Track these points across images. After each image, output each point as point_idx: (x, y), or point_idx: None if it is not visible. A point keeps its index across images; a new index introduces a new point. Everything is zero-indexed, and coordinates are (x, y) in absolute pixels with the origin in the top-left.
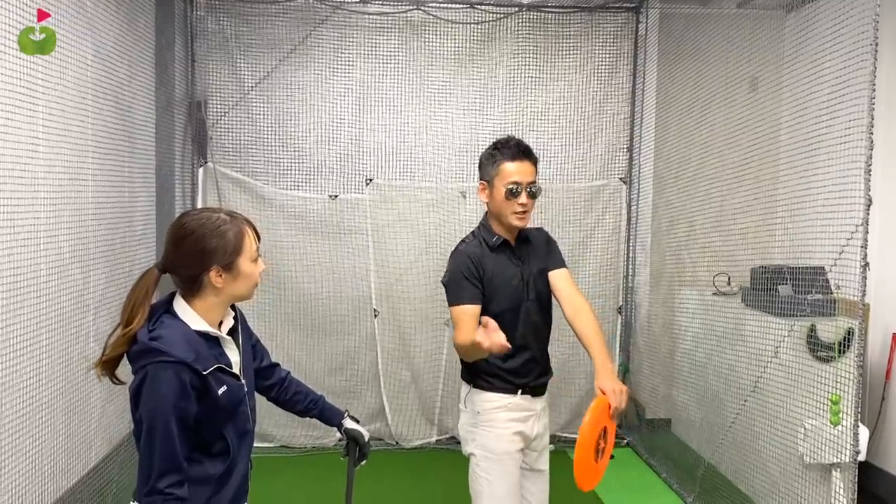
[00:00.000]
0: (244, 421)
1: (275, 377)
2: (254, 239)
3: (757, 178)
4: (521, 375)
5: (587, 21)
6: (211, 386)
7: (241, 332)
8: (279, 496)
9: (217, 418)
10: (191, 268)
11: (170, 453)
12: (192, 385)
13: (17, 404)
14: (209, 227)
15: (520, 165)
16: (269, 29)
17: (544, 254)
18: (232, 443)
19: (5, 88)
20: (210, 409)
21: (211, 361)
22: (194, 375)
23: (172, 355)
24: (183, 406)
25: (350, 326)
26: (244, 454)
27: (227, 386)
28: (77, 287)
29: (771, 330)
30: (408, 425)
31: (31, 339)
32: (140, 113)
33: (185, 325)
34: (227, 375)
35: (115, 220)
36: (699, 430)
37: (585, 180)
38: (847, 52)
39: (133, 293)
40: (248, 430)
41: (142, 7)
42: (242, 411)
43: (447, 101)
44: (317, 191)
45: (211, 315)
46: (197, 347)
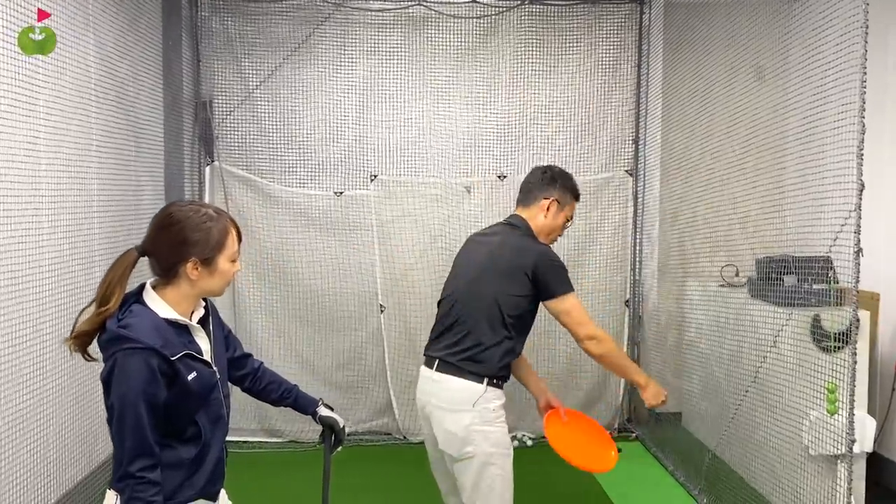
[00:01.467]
0: (218, 407)
1: (248, 367)
2: (235, 240)
3: (760, 168)
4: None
5: (590, 13)
6: (180, 371)
7: (213, 322)
8: (289, 491)
9: (188, 404)
10: (169, 256)
11: (140, 438)
12: (160, 371)
13: (19, 398)
14: (195, 220)
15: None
16: (273, 28)
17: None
18: (204, 428)
19: (3, 88)
20: (180, 395)
21: (179, 348)
22: (162, 361)
23: (140, 342)
24: (152, 392)
25: (357, 322)
26: (218, 439)
27: (197, 372)
28: (79, 284)
29: (775, 320)
30: (415, 419)
31: (32, 336)
32: (146, 112)
33: (153, 313)
34: (196, 362)
35: (119, 217)
36: (707, 423)
37: (591, 173)
38: (839, 35)
39: (110, 272)
40: (222, 416)
41: (145, 8)
42: (215, 398)
43: (450, 97)
44: (322, 188)
45: (181, 305)
46: (165, 334)
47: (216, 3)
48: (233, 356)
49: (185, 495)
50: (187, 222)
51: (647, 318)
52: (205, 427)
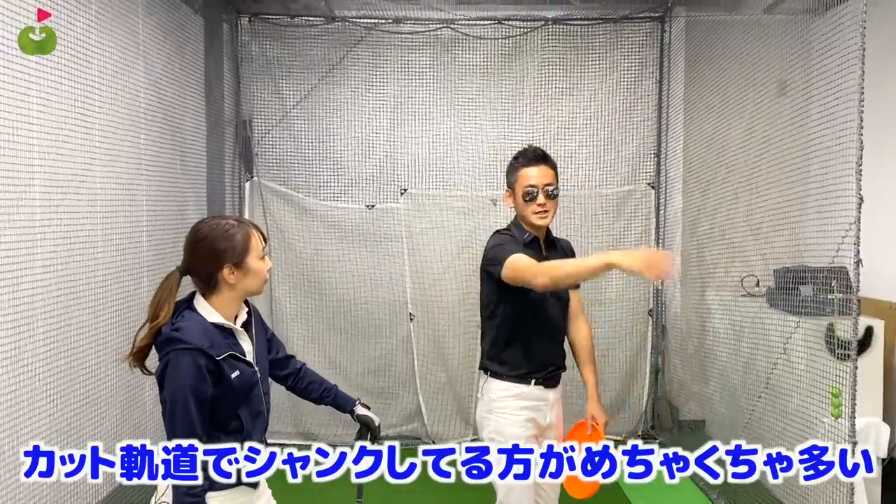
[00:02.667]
0: (258, 403)
1: (290, 368)
2: (259, 239)
3: (771, 182)
4: (536, 366)
5: (612, 32)
6: (224, 370)
7: (255, 325)
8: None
9: (231, 400)
10: (206, 267)
11: (190, 430)
12: (207, 369)
13: (75, 399)
14: (219, 231)
15: (536, 170)
16: (309, 51)
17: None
18: (246, 421)
19: (64, 113)
20: (225, 391)
21: (224, 349)
22: (209, 360)
23: (190, 343)
24: (200, 388)
25: (387, 329)
26: (258, 432)
27: (240, 371)
28: (129, 293)
29: (791, 330)
30: (444, 425)
31: (89, 338)
32: (190, 132)
33: (202, 318)
34: (239, 362)
35: (166, 232)
36: (730, 430)
37: (613, 186)
38: (840, 56)
39: (158, 293)
40: (261, 412)
41: (190, 35)
42: (256, 395)
43: (477, 113)
44: (354, 201)
45: (226, 309)
46: (212, 337)
47: (255, 28)
48: (276, 357)
49: (226, 480)
50: (213, 235)
51: (669, 326)
52: (246, 421)
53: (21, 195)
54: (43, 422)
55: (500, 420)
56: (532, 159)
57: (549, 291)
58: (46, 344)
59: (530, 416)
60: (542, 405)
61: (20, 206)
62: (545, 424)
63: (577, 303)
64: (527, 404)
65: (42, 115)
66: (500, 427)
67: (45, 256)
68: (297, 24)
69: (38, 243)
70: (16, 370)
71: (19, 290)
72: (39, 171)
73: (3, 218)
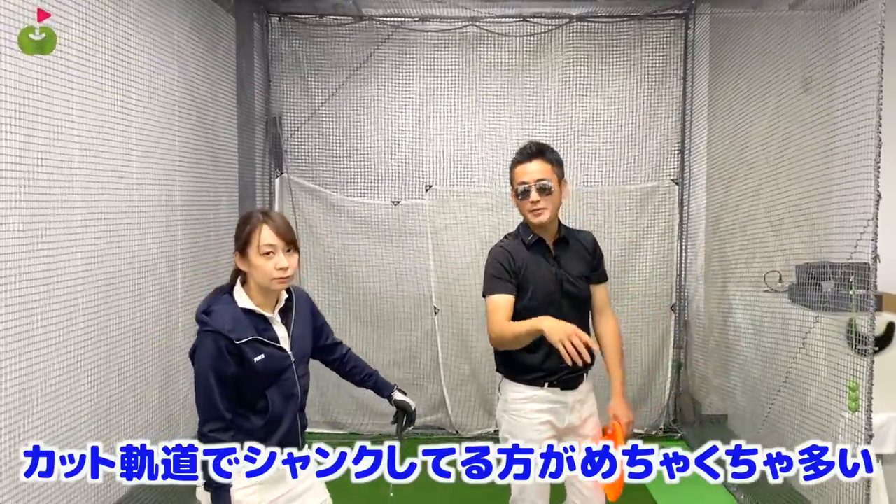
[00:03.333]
0: (290, 386)
1: (337, 353)
2: (264, 235)
3: (792, 178)
4: (549, 369)
5: (637, 29)
6: (245, 353)
7: (296, 313)
8: None
9: (256, 380)
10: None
11: (210, 403)
12: (228, 351)
13: (113, 386)
14: (241, 219)
15: (528, 166)
16: (337, 49)
17: (588, 260)
18: (273, 402)
19: (103, 113)
20: (247, 372)
21: (249, 333)
22: (230, 343)
23: (212, 326)
24: (219, 366)
25: (412, 323)
26: (290, 412)
27: (265, 355)
28: (165, 284)
29: (810, 324)
30: (467, 416)
31: (126, 329)
32: (222, 129)
33: (234, 304)
34: (267, 346)
35: (200, 225)
36: (750, 423)
37: (637, 182)
38: (860, 54)
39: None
40: (294, 395)
41: (222, 35)
42: (287, 378)
43: (501, 110)
44: (380, 197)
45: (257, 297)
46: (239, 321)
47: (285, 27)
48: (325, 343)
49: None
50: (239, 222)
51: (692, 321)
52: (274, 402)
53: (64, 191)
54: (85, 408)
55: (514, 422)
56: (527, 155)
57: (563, 296)
58: (87, 333)
59: (545, 418)
60: (560, 407)
61: (63, 202)
62: (564, 426)
63: (602, 298)
64: (541, 407)
65: (83, 115)
66: (513, 429)
67: (86, 250)
68: (326, 22)
69: (80, 237)
70: (60, 358)
71: (63, 281)
72: (80, 168)
73: (48, 213)
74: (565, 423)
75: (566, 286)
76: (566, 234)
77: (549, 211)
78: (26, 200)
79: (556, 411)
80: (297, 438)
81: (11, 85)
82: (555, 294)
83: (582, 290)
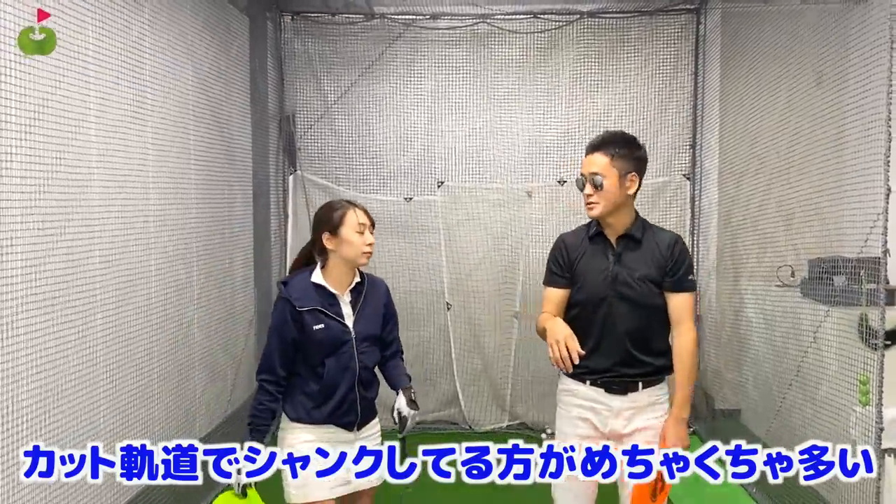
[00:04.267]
0: (347, 359)
1: (386, 350)
2: (358, 216)
3: (804, 172)
4: (592, 367)
5: (648, 24)
6: (306, 320)
7: (366, 297)
8: None
9: (314, 346)
10: (314, 234)
11: (268, 358)
12: (292, 316)
13: (130, 381)
14: (325, 207)
15: (586, 160)
16: (350, 47)
17: (659, 262)
18: (329, 369)
19: (120, 113)
20: (307, 338)
21: (313, 303)
22: (294, 309)
23: (284, 294)
24: (283, 329)
25: (425, 318)
26: (346, 382)
27: (325, 325)
28: (181, 281)
29: (821, 319)
30: (480, 411)
31: (143, 325)
32: (237, 127)
33: (308, 278)
34: (329, 318)
35: (214, 222)
36: (763, 418)
37: (649, 177)
38: (870, 49)
39: (297, 258)
40: (349, 367)
41: (235, 34)
42: (345, 351)
43: (512, 107)
44: (393, 194)
45: (332, 274)
46: (308, 293)
47: (298, 26)
48: (384, 335)
49: (313, 417)
50: (321, 210)
51: (704, 315)
52: (330, 369)
53: (82, 190)
54: (103, 404)
55: (558, 412)
56: (589, 146)
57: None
58: (105, 330)
59: (584, 415)
60: (603, 409)
61: (81, 201)
62: (607, 430)
63: (678, 308)
64: (581, 403)
65: (101, 115)
66: (557, 420)
67: (104, 247)
68: (338, 21)
69: (97, 235)
70: (79, 355)
71: (81, 278)
72: (98, 167)
73: (66, 211)
74: (608, 428)
75: (619, 286)
76: (639, 231)
77: (602, 206)
78: (45, 199)
79: (597, 412)
80: (353, 409)
81: (31, 87)
82: (605, 292)
83: (641, 294)
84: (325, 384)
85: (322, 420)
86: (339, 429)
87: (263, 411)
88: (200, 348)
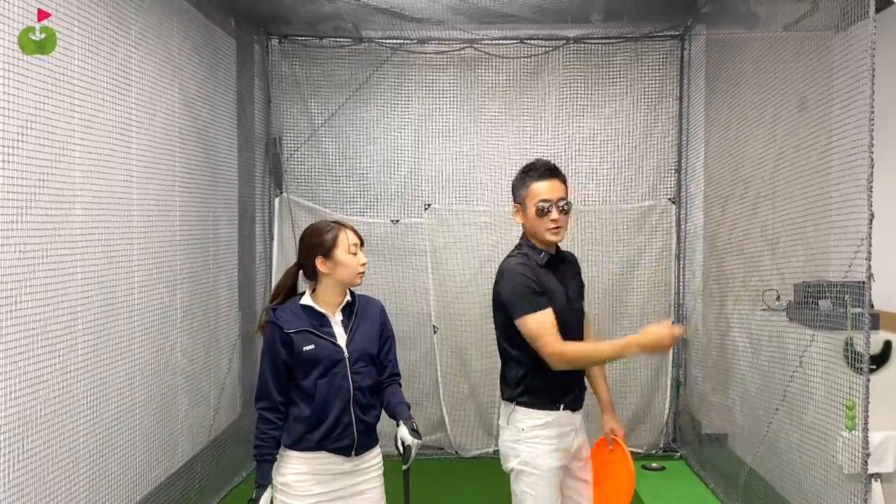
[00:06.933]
0: (340, 380)
1: (383, 374)
2: (349, 237)
3: (788, 197)
4: (564, 390)
5: (633, 50)
6: (294, 341)
7: (360, 317)
8: None
9: (305, 367)
10: (305, 259)
11: (263, 384)
12: (281, 339)
13: (112, 406)
14: (314, 230)
15: (548, 184)
16: (337, 70)
17: (579, 277)
18: (320, 390)
19: (105, 134)
20: (297, 359)
21: (301, 324)
22: (282, 332)
23: (272, 318)
24: (274, 352)
25: (412, 342)
26: (338, 405)
27: (316, 346)
28: (164, 305)
29: (807, 343)
30: (466, 436)
31: (124, 350)
32: (223, 149)
33: (297, 302)
34: (319, 338)
35: (199, 245)
36: (749, 442)
37: (634, 201)
38: (850, 77)
39: (280, 281)
40: (344, 388)
41: (223, 56)
42: (338, 372)
43: (499, 131)
44: (380, 216)
45: (323, 296)
46: (296, 315)
47: (285, 49)
48: (379, 357)
49: (304, 444)
50: (310, 232)
51: (690, 339)
52: (321, 390)
53: (65, 213)
54: (83, 428)
55: (531, 450)
56: (544, 173)
57: (571, 311)
58: (86, 354)
59: (560, 445)
60: (569, 430)
61: (64, 223)
62: (572, 452)
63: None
64: (556, 431)
65: (85, 137)
66: (530, 458)
67: (86, 271)
68: (326, 44)
69: (80, 258)
70: (59, 378)
71: (63, 302)
72: (82, 189)
73: (49, 234)
74: (573, 447)
75: (573, 303)
76: (562, 252)
77: (564, 229)
78: (28, 221)
79: (565, 435)
80: (348, 433)
81: (15, 107)
82: (566, 311)
83: (581, 306)
84: (317, 405)
85: (312, 447)
86: (334, 455)
87: (267, 440)
88: (183, 371)
